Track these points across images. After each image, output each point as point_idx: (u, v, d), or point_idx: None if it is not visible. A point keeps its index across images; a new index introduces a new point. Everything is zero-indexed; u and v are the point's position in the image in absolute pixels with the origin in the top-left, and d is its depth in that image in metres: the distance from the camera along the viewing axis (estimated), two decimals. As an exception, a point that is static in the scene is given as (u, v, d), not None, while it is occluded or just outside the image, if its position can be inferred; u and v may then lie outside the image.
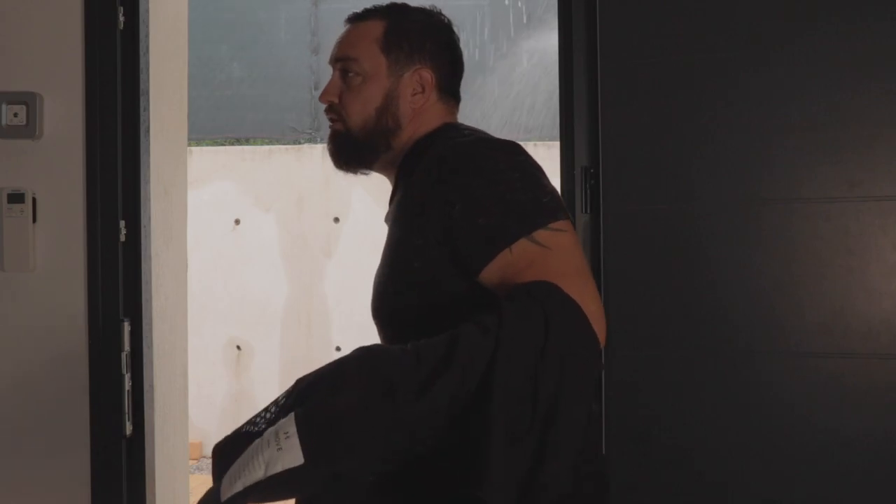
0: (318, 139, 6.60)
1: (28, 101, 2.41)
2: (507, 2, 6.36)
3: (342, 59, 1.53)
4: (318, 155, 6.41)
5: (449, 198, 1.35)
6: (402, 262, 1.41)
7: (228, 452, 1.23)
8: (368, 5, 1.60)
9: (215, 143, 6.83)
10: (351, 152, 1.54)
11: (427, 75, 1.52)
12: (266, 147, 6.62)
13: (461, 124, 1.54)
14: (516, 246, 1.30)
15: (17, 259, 2.42)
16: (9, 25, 2.45)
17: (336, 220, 6.30)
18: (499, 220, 1.32)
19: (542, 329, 1.22)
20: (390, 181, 1.58)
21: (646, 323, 2.14)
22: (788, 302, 2.09)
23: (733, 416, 2.11)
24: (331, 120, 1.55)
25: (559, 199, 1.38)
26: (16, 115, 2.41)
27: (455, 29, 1.59)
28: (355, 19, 1.56)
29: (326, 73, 1.60)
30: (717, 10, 2.13)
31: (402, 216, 1.45)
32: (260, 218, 6.41)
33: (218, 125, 6.75)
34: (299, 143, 6.59)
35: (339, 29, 1.59)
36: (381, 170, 1.57)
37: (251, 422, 1.26)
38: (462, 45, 1.60)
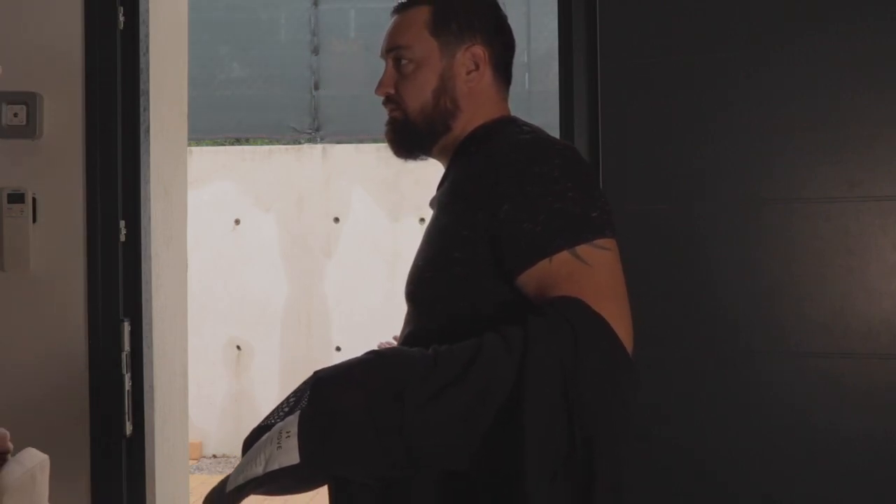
0: (318, 139, 6.61)
1: (28, 101, 2.41)
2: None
3: (393, 49, 1.53)
4: (317, 155, 6.41)
5: (499, 197, 1.35)
6: (444, 249, 1.42)
7: (251, 444, 1.28)
8: (371, 4, 1.60)
9: (215, 143, 6.83)
10: (410, 137, 1.54)
11: (479, 51, 1.51)
12: (266, 147, 6.63)
13: (519, 119, 1.54)
14: (557, 257, 1.30)
15: (17, 259, 2.42)
16: (9, 25, 2.45)
17: (336, 220, 6.31)
18: (544, 229, 1.32)
19: (572, 350, 1.22)
20: (444, 166, 1.58)
21: (646, 323, 2.12)
22: (788, 302, 2.09)
23: (733, 416, 2.11)
24: (389, 110, 1.55)
25: (609, 215, 1.37)
26: (16, 115, 2.41)
27: (502, 4, 1.59)
28: (401, 9, 1.55)
29: (327, 74, 1.61)
30: (717, 10, 2.13)
31: (450, 204, 1.45)
32: (260, 218, 6.41)
33: (218, 125, 6.75)
34: (299, 143, 6.59)
35: (338, 29, 1.58)
36: (438, 155, 1.56)
37: (272, 413, 1.29)
38: None
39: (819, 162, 2.07)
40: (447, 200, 1.47)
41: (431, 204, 1.53)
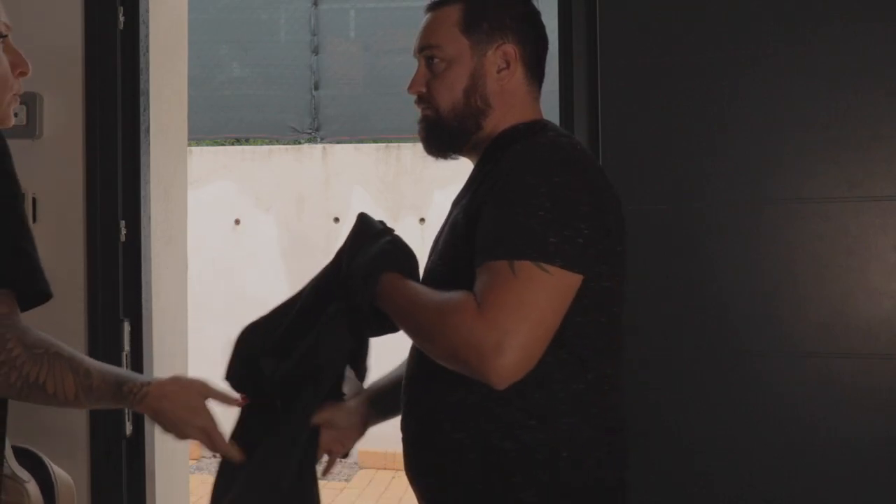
0: (318, 139, 6.61)
1: (28, 101, 2.41)
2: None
3: (425, 48, 1.54)
4: (317, 155, 6.41)
5: (487, 195, 1.39)
6: (451, 244, 1.46)
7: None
8: (371, 4, 1.61)
9: (215, 143, 6.83)
10: (442, 136, 1.55)
11: (510, 50, 1.52)
12: (266, 147, 6.62)
13: (551, 124, 1.55)
14: (496, 264, 1.33)
15: (17, 259, 2.41)
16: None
17: (336, 220, 6.30)
18: (500, 235, 1.34)
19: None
20: (474, 164, 1.59)
21: (646, 323, 2.13)
22: (788, 302, 2.09)
23: (733, 416, 2.11)
24: (421, 109, 1.56)
25: (576, 248, 1.34)
26: (16, 115, 2.40)
27: (535, 2, 1.60)
28: (433, 7, 1.56)
29: (327, 74, 1.62)
30: (718, 10, 2.13)
31: (463, 199, 1.50)
32: (260, 218, 6.41)
33: (218, 125, 6.75)
34: (299, 143, 6.59)
35: (338, 29, 1.59)
36: (469, 153, 1.58)
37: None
38: None
39: (819, 162, 2.07)
40: (464, 197, 1.50)
41: (455, 202, 1.57)
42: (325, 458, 1.62)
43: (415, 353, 1.51)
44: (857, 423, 2.04)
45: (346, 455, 1.65)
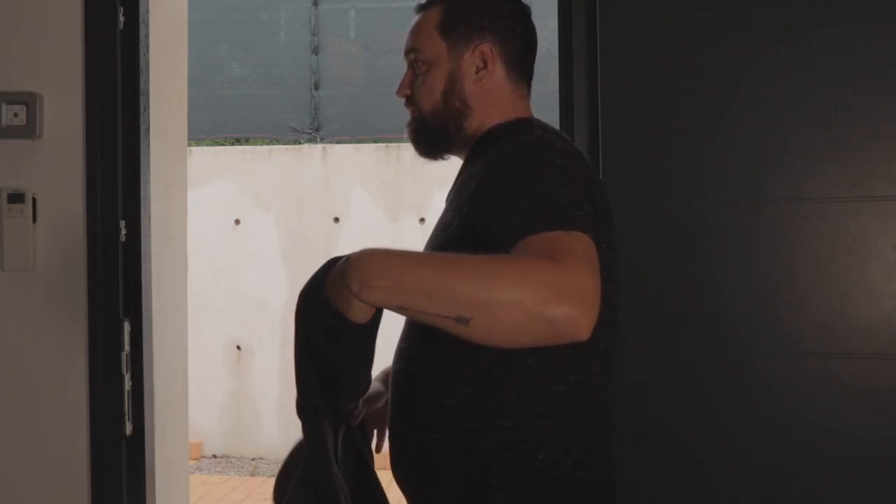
0: (318, 139, 6.61)
1: (28, 101, 2.41)
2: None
3: (409, 51, 1.56)
4: (317, 155, 6.41)
5: (491, 194, 1.36)
6: (440, 246, 1.45)
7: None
8: (371, 4, 1.63)
9: (215, 143, 6.83)
10: (425, 137, 1.57)
11: (486, 50, 1.52)
12: (266, 147, 6.63)
13: (537, 121, 1.54)
14: (540, 235, 1.26)
15: (17, 259, 2.42)
16: (9, 25, 2.45)
17: (336, 220, 6.31)
18: (530, 214, 1.28)
19: None
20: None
21: (646, 323, 2.13)
22: (788, 302, 2.09)
23: (733, 416, 2.11)
24: (410, 111, 1.58)
25: (595, 227, 1.32)
26: (16, 115, 2.41)
27: (534, 3, 1.60)
28: (419, 9, 1.58)
29: (327, 73, 1.63)
30: (718, 10, 2.13)
31: (453, 201, 1.49)
32: (260, 218, 6.41)
33: (218, 125, 6.76)
34: (299, 143, 6.60)
35: (338, 29, 1.60)
36: (457, 153, 1.59)
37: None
38: None
39: (819, 162, 2.07)
40: (451, 198, 1.50)
41: (446, 200, 1.56)
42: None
43: (400, 354, 1.50)
44: (857, 423, 2.04)
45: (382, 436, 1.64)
